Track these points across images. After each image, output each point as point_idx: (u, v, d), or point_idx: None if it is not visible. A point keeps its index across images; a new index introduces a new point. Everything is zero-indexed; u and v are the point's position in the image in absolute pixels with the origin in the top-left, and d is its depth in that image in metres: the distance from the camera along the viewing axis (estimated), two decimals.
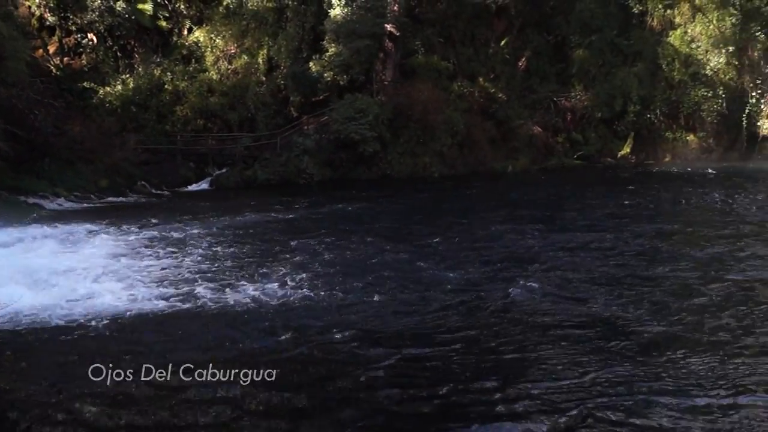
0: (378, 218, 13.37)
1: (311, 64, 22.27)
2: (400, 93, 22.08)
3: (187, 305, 6.52)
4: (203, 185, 20.25)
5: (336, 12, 22.10)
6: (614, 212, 12.95)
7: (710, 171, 21.46)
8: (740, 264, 8.01)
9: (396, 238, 10.55)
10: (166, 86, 21.84)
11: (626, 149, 24.05)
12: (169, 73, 22.11)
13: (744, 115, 23.75)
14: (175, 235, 10.76)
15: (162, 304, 6.53)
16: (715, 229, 10.69)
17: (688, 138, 24.42)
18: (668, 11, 24.32)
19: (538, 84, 24.27)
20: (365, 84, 22.31)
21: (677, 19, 24.28)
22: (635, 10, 24.49)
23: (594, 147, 23.89)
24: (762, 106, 24.01)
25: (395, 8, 22.44)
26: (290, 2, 23.17)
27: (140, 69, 22.10)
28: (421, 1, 24.04)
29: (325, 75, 21.91)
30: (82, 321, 5.90)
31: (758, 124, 24.03)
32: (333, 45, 21.91)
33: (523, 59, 24.60)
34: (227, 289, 7.01)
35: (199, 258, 8.78)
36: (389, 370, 4.93)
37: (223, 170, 20.92)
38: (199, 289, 7.00)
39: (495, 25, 24.38)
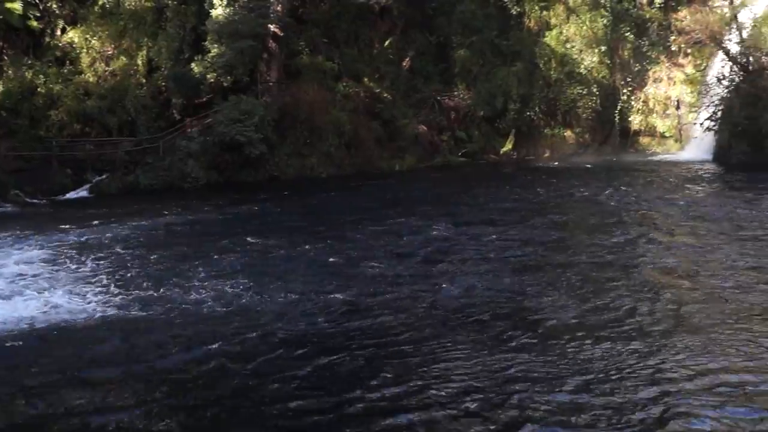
0: (268, 220, 15.06)
1: (193, 65, 23.86)
2: (285, 94, 24.34)
3: (75, 316, 7.25)
4: (82, 192, 21.29)
5: (218, 12, 23.73)
6: (507, 207, 15.52)
7: (587, 165, 25.10)
8: (635, 250, 10.23)
9: (292, 239, 11.88)
10: (39, 89, 22.97)
11: (508, 146, 27.43)
12: (41, 76, 23.23)
13: (616, 112, 27.56)
14: (49, 246, 11.55)
15: (41, 317, 7.27)
16: (602, 218, 13.45)
17: (565, 134, 28.09)
18: (544, 12, 27.82)
19: (422, 84, 27.24)
20: (250, 85, 24.19)
21: (553, 20, 27.83)
22: (513, 12, 27.79)
23: (478, 144, 27.10)
24: (633, 103, 27.95)
25: (278, 8, 24.55)
26: (170, 2, 24.80)
27: (10, 71, 23.14)
28: (304, 1, 26.36)
29: (208, 76, 23.62)
30: None
31: (630, 119, 27.95)
32: (215, 45, 23.60)
33: (407, 59, 27.49)
34: (118, 299, 7.77)
35: (79, 270, 9.59)
36: (299, 379, 5.51)
37: (103, 176, 21.97)
38: (78, 301, 7.77)
39: (378, 26, 27.14)
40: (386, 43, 27.43)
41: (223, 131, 21.79)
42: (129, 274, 9.43)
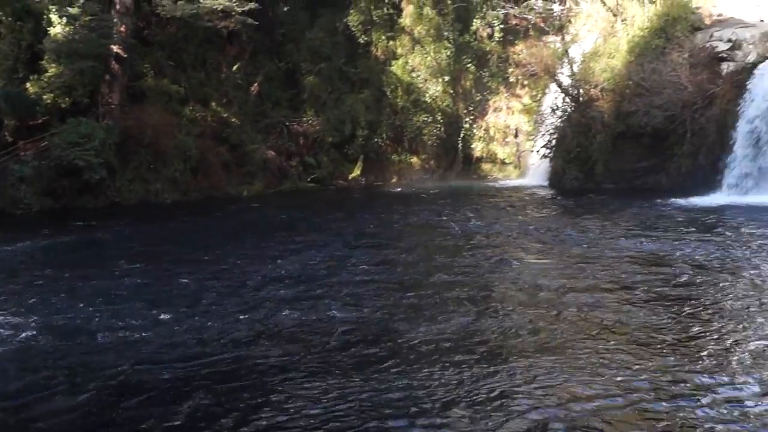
0: (107, 248, 16.19)
1: (28, 84, 25.16)
2: (128, 117, 26.32)
3: None
4: None
5: (56, 30, 25.08)
6: (362, 231, 17.47)
7: (434, 190, 28.72)
8: (484, 272, 11.90)
9: (134, 269, 12.67)
10: None
11: (357, 172, 31.33)
12: None
13: (460, 139, 32.40)
14: None
15: None
16: (452, 241, 15.53)
17: (411, 160, 32.47)
18: (391, 42, 32.13)
19: (270, 109, 30.54)
20: (90, 107, 25.59)
21: (399, 50, 32.18)
22: (361, 41, 31.86)
23: (326, 170, 30.74)
24: (475, 131, 32.92)
25: (122, 29, 26.57)
26: (3, 18, 26.31)
27: None
28: (149, 22, 28.78)
29: (45, 97, 25.09)
30: None
31: (472, 146, 32.89)
32: (53, 65, 25.22)
33: (256, 84, 30.68)
34: None
35: None
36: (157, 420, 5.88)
37: None
38: None
39: (227, 50, 30.18)
40: (234, 67, 30.45)
41: (61, 155, 23.09)
42: None
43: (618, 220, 17.89)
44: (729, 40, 27.17)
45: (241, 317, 9.26)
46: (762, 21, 31.53)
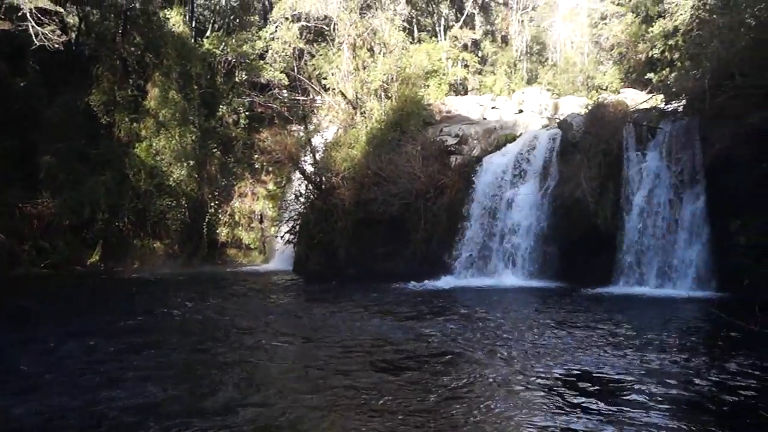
0: None
1: None
2: None
3: None
4: None
5: None
6: (99, 321, 18.77)
7: (179, 277, 32.58)
8: (241, 362, 13.60)
9: None
10: None
11: (95, 257, 36.00)
12: None
13: (205, 224, 38.69)
14: None
15: None
16: (197, 331, 17.36)
17: (155, 245, 37.83)
18: (135, 124, 37.57)
19: (2, 189, 34.58)
20: None
21: (143, 133, 37.66)
22: (104, 121, 37.07)
23: (62, 255, 34.76)
24: (220, 216, 39.50)
25: None
26: None
27: None
28: None
29: None
30: None
31: (217, 231, 39.17)
32: None
33: None
34: None
35: None
36: None
37: None
38: None
39: None
40: None
41: None
42: None
43: (357, 304, 21.34)
44: (456, 135, 36.45)
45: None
46: (485, 119, 42.78)
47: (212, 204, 39.02)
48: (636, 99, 36.06)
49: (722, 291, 21.67)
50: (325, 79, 40.08)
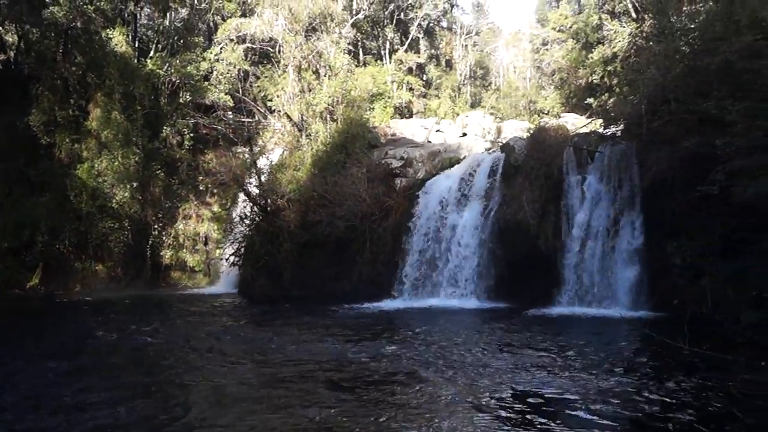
0: None
1: None
2: None
3: None
4: None
5: None
6: (40, 346, 18.64)
7: (122, 300, 32.16)
8: (182, 387, 13.73)
9: None
10: None
11: (35, 280, 35.46)
12: None
13: (148, 246, 38.48)
14: None
15: None
16: (140, 355, 17.52)
17: (97, 268, 37.32)
18: (76, 145, 37.29)
19: None
20: None
21: (85, 153, 37.30)
22: (44, 142, 36.75)
23: (1, 277, 34.18)
24: (164, 238, 39.31)
25: None
26: None
27: None
28: None
29: None
30: None
31: (161, 254, 39.01)
32: None
33: None
34: None
35: None
36: None
37: None
38: None
39: None
40: None
41: None
42: None
43: (303, 326, 21.55)
44: (401, 158, 37.13)
45: None
46: (429, 142, 43.42)
47: (156, 226, 38.79)
48: (576, 123, 37.08)
49: (659, 311, 22.22)
50: (270, 101, 40.39)
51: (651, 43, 29.75)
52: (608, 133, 29.53)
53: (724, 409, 11.14)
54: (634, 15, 44.88)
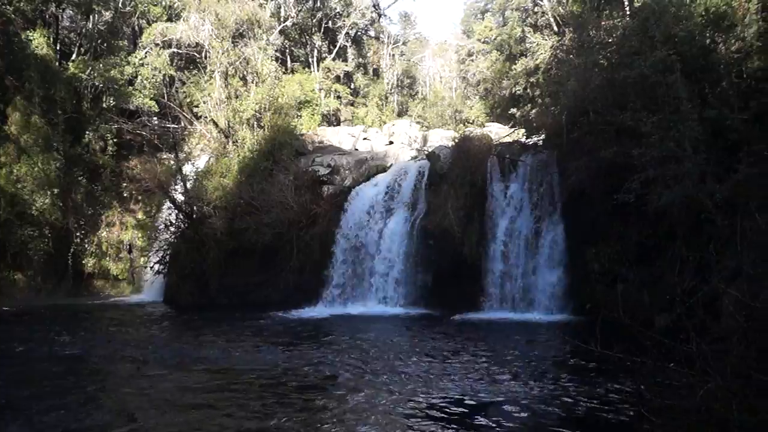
0: None
1: None
2: None
3: None
4: None
5: None
6: None
7: (42, 309, 31.38)
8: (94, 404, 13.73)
9: None
10: None
11: None
12: None
13: (70, 254, 37.67)
14: None
15: None
16: (74, 363, 17.65)
17: (16, 276, 36.28)
18: None
19: None
20: None
21: (3, 159, 36.23)
22: None
23: None
24: (86, 246, 38.56)
25: None
26: None
27: None
28: None
29: None
30: None
31: (84, 262, 38.27)
32: None
33: None
34: None
35: None
36: None
37: None
38: None
39: None
40: None
41: None
42: None
43: (231, 334, 22.05)
44: (329, 165, 37.21)
45: None
46: (357, 149, 43.65)
47: (78, 234, 37.97)
48: (500, 133, 37.91)
49: (578, 315, 22.95)
50: (196, 107, 40.07)
51: (571, 56, 30.66)
52: (530, 143, 30.38)
53: (632, 409, 11.69)
54: (555, 28, 46.14)
